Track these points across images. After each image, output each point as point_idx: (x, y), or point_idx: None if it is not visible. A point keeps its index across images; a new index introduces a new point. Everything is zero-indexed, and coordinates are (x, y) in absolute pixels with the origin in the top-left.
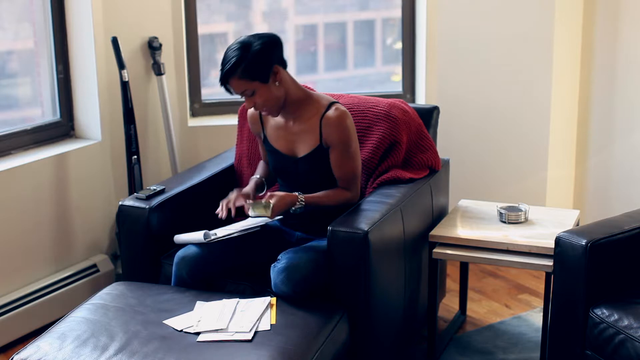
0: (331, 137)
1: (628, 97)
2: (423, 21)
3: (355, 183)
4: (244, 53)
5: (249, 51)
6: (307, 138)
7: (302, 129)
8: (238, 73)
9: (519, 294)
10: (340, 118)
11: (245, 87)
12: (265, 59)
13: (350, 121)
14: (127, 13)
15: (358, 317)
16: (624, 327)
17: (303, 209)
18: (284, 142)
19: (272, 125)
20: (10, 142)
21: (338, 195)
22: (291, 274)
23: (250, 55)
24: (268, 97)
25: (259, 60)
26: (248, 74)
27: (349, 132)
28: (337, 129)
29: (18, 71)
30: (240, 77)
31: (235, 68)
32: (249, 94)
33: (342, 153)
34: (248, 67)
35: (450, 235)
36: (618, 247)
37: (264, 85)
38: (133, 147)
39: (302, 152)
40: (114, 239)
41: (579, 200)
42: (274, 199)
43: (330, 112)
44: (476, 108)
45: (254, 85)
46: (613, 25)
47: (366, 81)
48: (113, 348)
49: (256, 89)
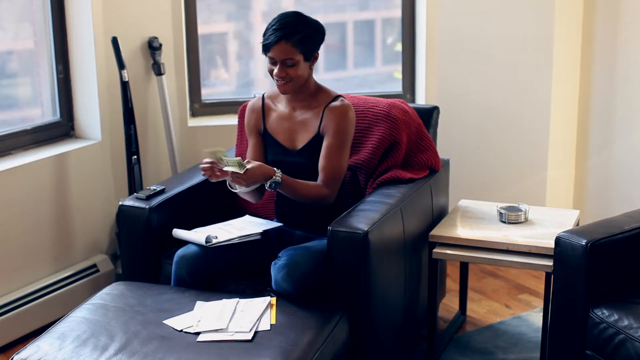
0: (330, 124)
1: (628, 97)
2: (423, 21)
3: (335, 182)
4: (304, 25)
5: (309, 25)
6: (308, 127)
7: (306, 118)
8: (294, 40)
9: (519, 294)
10: (344, 108)
11: (291, 56)
12: (317, 39)
13: (352, 115)
14: (127, 13)
15: (358, 317)
16: (624, 327)
17: (279, 186)
18: (286, 132)
19: (275, 117)
20: (10, 142)
21: (315, 189)
22: (292, 271)
23: (310, 29)
24: (302, 73)
25: (313, 38)
26: (301, 45)
27: (348, 124)
28: (338, 118)
29: (18, 71)
30: (294, 45)
31: (294, 34)
32: (289, 64)
33: (334, 143)
34: (304, 39)
35: (450, 235)
36: (618, 247)
37: (304, 61)
38: (133, 147)
39: (302, 142)
40: (114, 239)
41: (579, 200)
42: (251, 164)
43: (335, 102)
44: (476, 108)
45: (298, 57)
46: (613, 25)
47: (366, 81)
48: (113, 348)
49: (298, 61)
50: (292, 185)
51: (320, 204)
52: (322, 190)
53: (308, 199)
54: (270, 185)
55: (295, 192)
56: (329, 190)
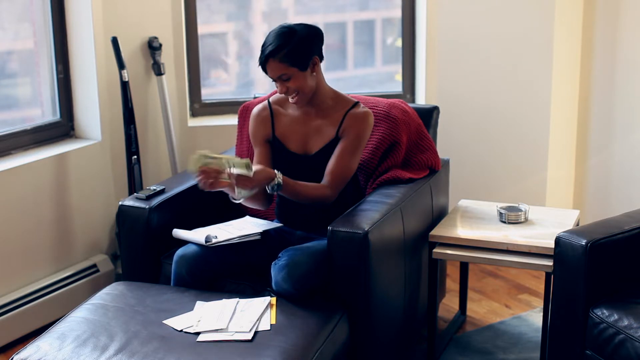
0: (350, 128)
1: (628, 97)
2: (423, 21)
3: (341, 184)
4: (288, 38)
5: (294, 37)
6: (324, 131)
7: (322, 123)
8: (280, 56)
9: (519, 294)
10: (367, 115)
11: (283, 72)
12: (307, 47)
13: (372, 122)
14: (127, 13)
15: (358, 317)
16: (624, 327)
17: (280, 188)
18: (298, 138)
19: (286, 123)
20: (10, 142)
21: (317, 190)
22: (292, 271)
23: (294, 41)
24: (302, 84)
25: (301, 47)
26: (289, 59)
27: (368, 130)
28: (360, 123)
29: (18, 71)
30: (281, 61)
31: (279, 51)
32: (285, 79)
33: (349, 147)
34: (290, 52)
35: (450, 235)
36: (618, 247)
37: (301, 72)
38: (133, 147)
39: (316, 147)
40: (114, 239)
41: (579, 200)
42: (255, 167)
43: (358, 109)
44: (476, 108)
45: (291, 70)
46: (613, 25)
47: (366, 81)
48: (113, 348)
49: (293, 74)
50: (293, 187)
51: (321, 204)
52: (325, 191)
53: (309, 200)
54: (272, 187)
55: (297, 193)
56: (332, 192)
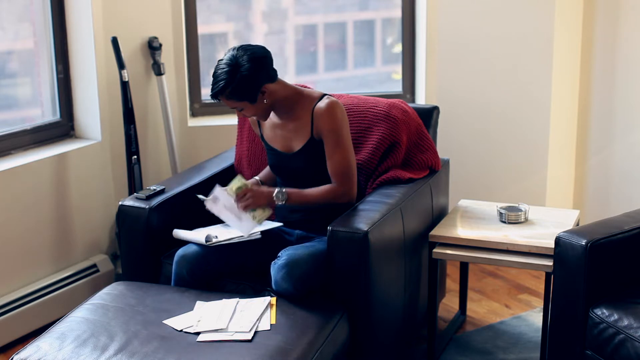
0: (321, 126)
1: (628, 97)
2: (423, 21)
3: (348, 178)
4: (231, 76)
5: (237, 74)
6: (300, 132)
7: (296, 125)
8: (226, 94)
9: (519, 294)
10: (329, 106)
11: (234, 105)
12: (252, 82)
13: (340, 110)
14: (127, 13)
15: (358, 317)
16: (624, 327)
17: (285, 195)
18: (281, 139)
19: (268, 125)
20: (10, 142)
21: (327, 191)
22: (292, 270)
23: (238, 80)
24: (256, 112)
25: (246, 84)
26: (235, 95)
27: (339, 120)
28: (327, 118)
29: (18, 71)
30: (228, 98)
31: (224, 90)
32: (239, 109)
33: (332, 143)
34: (235, 90)
35: (450, 235)
36: (618, 247)
37: (251, 104)
38: (133, 147)
39: (297, 147)
40: (114, 239)
41: (579, 200)
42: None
43: (320, 103)
44: (476, 108)
45: (241, 104)
46: (613, 25)
47: (366, 81)
48: (113, 348)
49: (244, 106)
50: (299, 193)
51: (341, 201)
52: (335, 189)
53: (322, 202)
54: (276, 195)
55: (305, 198)
56: (343, 188)
